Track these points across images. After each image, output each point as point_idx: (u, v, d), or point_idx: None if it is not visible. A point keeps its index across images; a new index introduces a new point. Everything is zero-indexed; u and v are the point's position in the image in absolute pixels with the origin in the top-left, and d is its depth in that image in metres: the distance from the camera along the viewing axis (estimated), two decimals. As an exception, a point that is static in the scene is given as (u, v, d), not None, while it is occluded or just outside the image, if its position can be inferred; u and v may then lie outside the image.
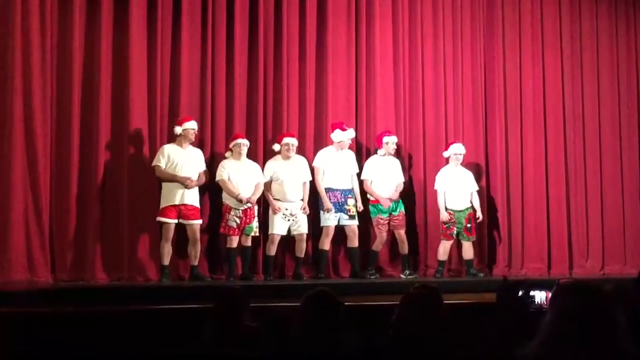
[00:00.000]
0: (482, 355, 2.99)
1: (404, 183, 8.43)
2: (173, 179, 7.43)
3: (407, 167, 8.75)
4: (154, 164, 7.53)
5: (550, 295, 2.48)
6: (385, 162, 8.31)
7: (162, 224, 7.45)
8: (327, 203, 7.94)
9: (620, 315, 2.29)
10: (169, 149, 7.54)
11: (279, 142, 7.97)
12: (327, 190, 8.03)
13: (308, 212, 7.96)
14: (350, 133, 8.14)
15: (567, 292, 2.41)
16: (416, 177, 8.81)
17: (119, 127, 7.72)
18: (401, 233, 8.26)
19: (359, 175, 8.26)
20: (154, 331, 4.89)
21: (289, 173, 7.90)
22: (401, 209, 8.28)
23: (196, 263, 7.56)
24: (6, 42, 7.30)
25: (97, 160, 7.60)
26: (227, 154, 7.82)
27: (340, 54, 8.68)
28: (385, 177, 8.26)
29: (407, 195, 8.54)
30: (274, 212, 7.83)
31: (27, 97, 7.33)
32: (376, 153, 8.38)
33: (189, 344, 3.66)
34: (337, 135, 8.11)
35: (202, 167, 7.69)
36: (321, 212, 8.03)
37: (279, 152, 7.98)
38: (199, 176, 7.61)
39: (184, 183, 7.41)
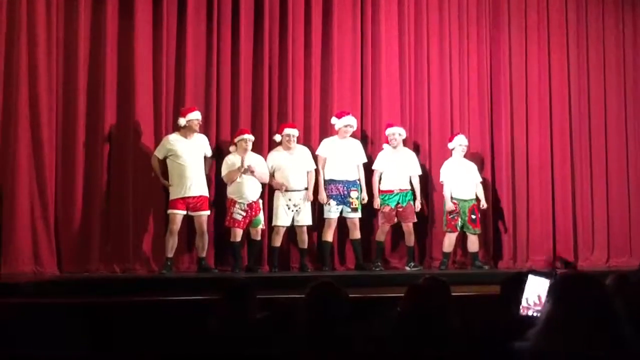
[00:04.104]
0: (483, 346, 3.00)
1: (419, 176, 8.41)
2: (157, 176, 7.54)
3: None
4: (154, 153, 7.58)
5: (549, 286, 2.50)
6: (395, 154, 8.28)
7: (168, 215, 7.48)
8: (323, 195, 7.96)
9: (619, 305, 2.31)
10: (172, 140, 7.53)
11: (280, 133, 7.97)
12: (329, 182, 8.03)
13: (311, 199, 7.95)
14: (347, 120, 8.08)
15: (565, 283, 2.42)
16: (421, 168, 8.78)
17: (124, 119, 7.73)
18: (409, 225, 8.24)
19: (366, 165, 8.27)
20: (160, 323, 4.90)
21: (290, 163, 7.89)
22: (410, 200, 8.26)
23: (204, 255, 7.58)
24: (12, 34, 7.31)
25: (103, 153, 7.62)
26: (232, 148, 7.82)
27: (346, 45, 8.67)
28: (395, 168, 8.23)
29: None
30: (280, 189, 7.80)
31: (33, 90, 7.34)
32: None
33: (195, 335, 3.67)
34: (333, 122, 8.12)
35: (208, 152, 7.69)
36: (324, 203, 8.04)
37: (280, 143, 7.98)
38: (205, 161, 7.62)
39: (164, 185, 7.54)
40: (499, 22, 9.29)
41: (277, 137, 7.98)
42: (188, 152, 7.49)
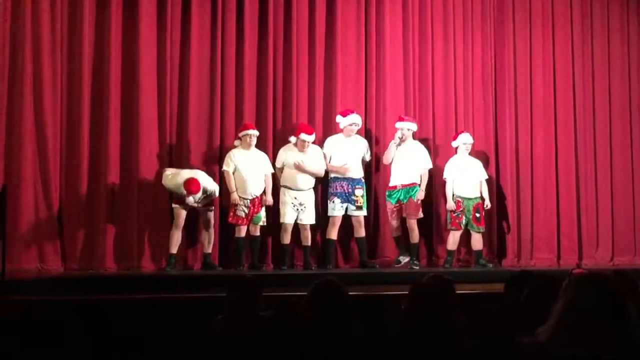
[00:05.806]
0: (491, 343, 2.99)
1: (429, 170, 8.32)
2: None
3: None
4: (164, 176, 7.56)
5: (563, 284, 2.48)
6: (401, 149, 8.18)
7: (173, 210, 7.48)
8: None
9: (631, 307, 2.30)
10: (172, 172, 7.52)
11: (296, 135, 7.87)
12: (334, 179, 8.02)
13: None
14: (352, 118, 8.05)
15: (580, 283, 2.41)
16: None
17: (129, 116, 7.75)
18: (411, 222, 8.16)
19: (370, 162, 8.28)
20: (164, 320, 4.90)
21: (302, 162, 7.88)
22: (412, 196, 8.18)
23: (210, 250, 7.59)
24: (16, 34, 7.34)
25: (107, 150, 7.63)
26: (236, 142, 7.81)
27: (350, 43, 8.66)
28: (398, 164, 8.16)
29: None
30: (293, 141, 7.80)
31: (37, 89, 7.39)
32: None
33: (200, 333, 3.67)
34: (338, 121, 8.12)
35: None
36: (328, 201, 8.03)
37: (294, 144, 7.94)
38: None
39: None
40: (504, 19, 9.26)
41: (292, 139, 7.92)
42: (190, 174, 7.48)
